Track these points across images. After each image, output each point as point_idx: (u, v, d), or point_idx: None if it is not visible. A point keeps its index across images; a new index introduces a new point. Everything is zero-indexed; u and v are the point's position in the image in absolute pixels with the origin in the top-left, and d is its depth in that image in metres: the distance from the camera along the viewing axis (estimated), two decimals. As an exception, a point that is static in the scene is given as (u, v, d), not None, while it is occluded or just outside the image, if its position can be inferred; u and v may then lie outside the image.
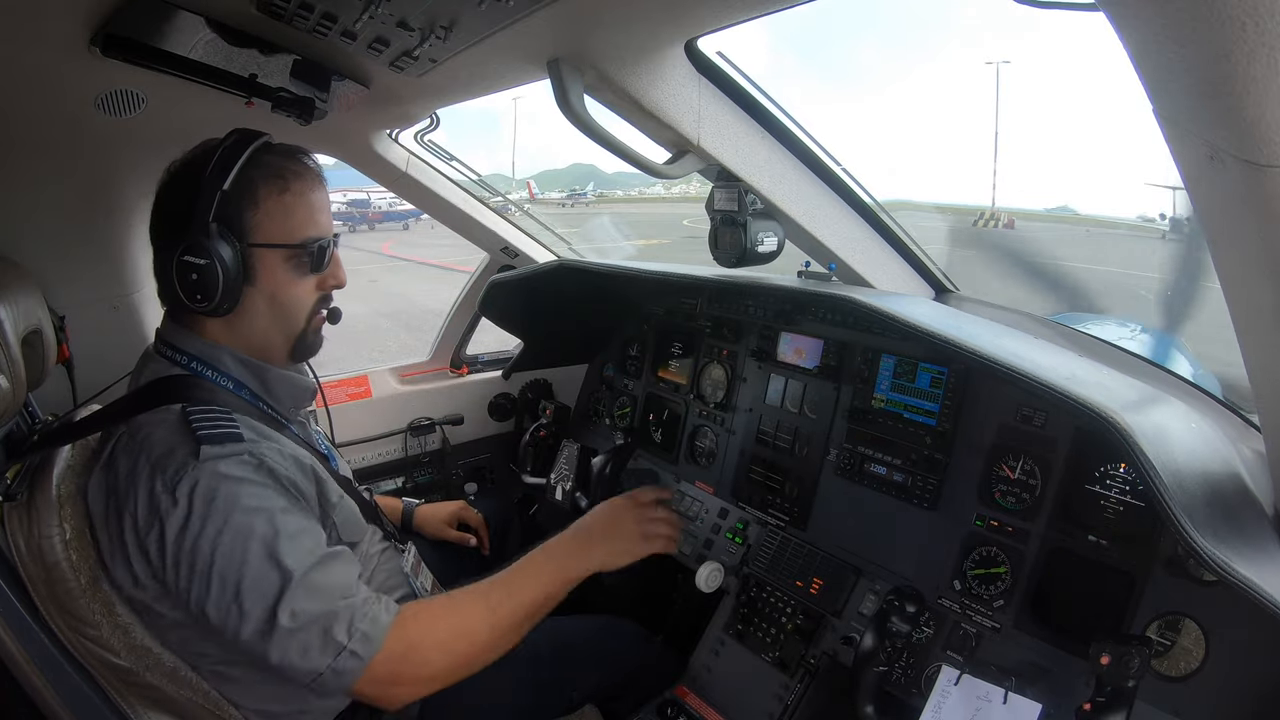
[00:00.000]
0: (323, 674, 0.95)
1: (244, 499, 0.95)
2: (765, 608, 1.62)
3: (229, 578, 0.92)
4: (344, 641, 0.95)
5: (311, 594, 0.94)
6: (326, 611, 0.95)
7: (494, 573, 1.80)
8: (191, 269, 0.99)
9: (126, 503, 0.95)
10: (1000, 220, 21.67)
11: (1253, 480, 1.04)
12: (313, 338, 1.16)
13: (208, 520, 0.92)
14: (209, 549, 0.92)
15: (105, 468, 1.00)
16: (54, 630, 0.99)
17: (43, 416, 1.24)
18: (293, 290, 1.09)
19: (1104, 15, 0.58)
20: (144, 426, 0.98)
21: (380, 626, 0.99)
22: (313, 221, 1.09)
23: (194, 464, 0.94)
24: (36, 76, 1.21)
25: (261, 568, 0.93)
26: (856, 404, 1.59)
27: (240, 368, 1.10)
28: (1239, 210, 0.65)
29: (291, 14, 1.06)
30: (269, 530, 0.95)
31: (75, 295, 1.62)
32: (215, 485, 0.94)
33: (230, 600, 0.92)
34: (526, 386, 2.45)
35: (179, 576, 0.93)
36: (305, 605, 0.93)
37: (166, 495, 0.92)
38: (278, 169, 1.06)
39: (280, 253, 1.06)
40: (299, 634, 0.93)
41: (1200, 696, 1.06)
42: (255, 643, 0.93)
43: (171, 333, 1.09)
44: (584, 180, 47.02)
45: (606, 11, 0.98)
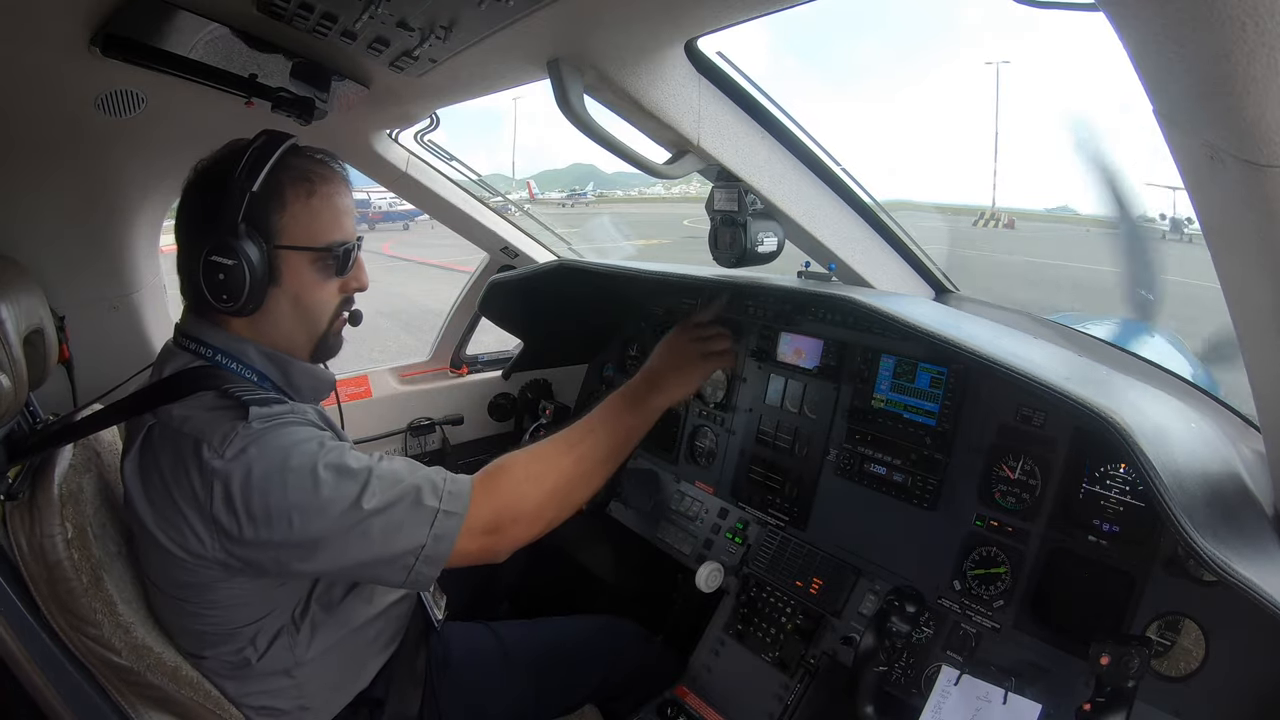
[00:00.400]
0: (425, 545, 0.97)
1: (298, 437, 0.97)
2: (765, 608, 1.62)
3: (305, 503, 0.93)
4: (435, 505, 0.99)
5: (386, 482, 0.98)
6: (408, 487, 0.98)
7: (495, 575, 1.82)
8: (218, 269, 1.00)
9: (179, 481, 0.94)
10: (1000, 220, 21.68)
11: (1253, 480, 1.04)
12: (334, 339, 1.18)
13: (269, 464, 0.94)
14: (280, 487, 0.93)
15: (140, 457, 0.99)
16: (55, 629, 0.99)
17: (44, 416, 1.24)
18: (317, 292, 1.11)
19: (1104, 15, 0.58)
20: (181, 413, 0.99)
21: (463, 482, 1.03)
22: (338, 225, 1.10)
23: (243, 425, 0.95)
24: (36, 76, 1.21)
25: (334, 478, 0.95)
26: (856, 404, 1.59)
27: (265, 361, 1.10)
28: (1239, 210, 0.65)
29: (291, 14, 1.06)
30: (326, 449, 0.97)
31: (75, 295, 1.62)
32: (268, 433, 0.96)
33: (314, 517, 0.93)
34: (526, 386, 2.45)
35: (255, 524, 0.93)
36: (385, 492, 0.97)
37: (218, 460, 0.93)
38: (305, 172, 1.07)
39: (306, 255, 1.07)
40: (389, 513, 0.96)
41: (1200, 696, 1.06)
42: (346, 548, 0.95)
43: (195, 326, 1.09)
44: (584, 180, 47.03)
45: (606, 12, 0.98)
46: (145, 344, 1.89)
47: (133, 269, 1.81)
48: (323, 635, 1.13)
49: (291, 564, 0.97)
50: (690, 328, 1.43)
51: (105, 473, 1.17)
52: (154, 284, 1.90)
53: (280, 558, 0.96)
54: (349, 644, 1.18)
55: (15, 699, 0.96)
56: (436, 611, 1.39)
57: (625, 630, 1.64)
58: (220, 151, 1.08)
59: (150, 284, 1.88)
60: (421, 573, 0.99)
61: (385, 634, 1.26)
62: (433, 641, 1.34)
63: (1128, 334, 3.02)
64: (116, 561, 1.09)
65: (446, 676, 1.32)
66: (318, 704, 1.15)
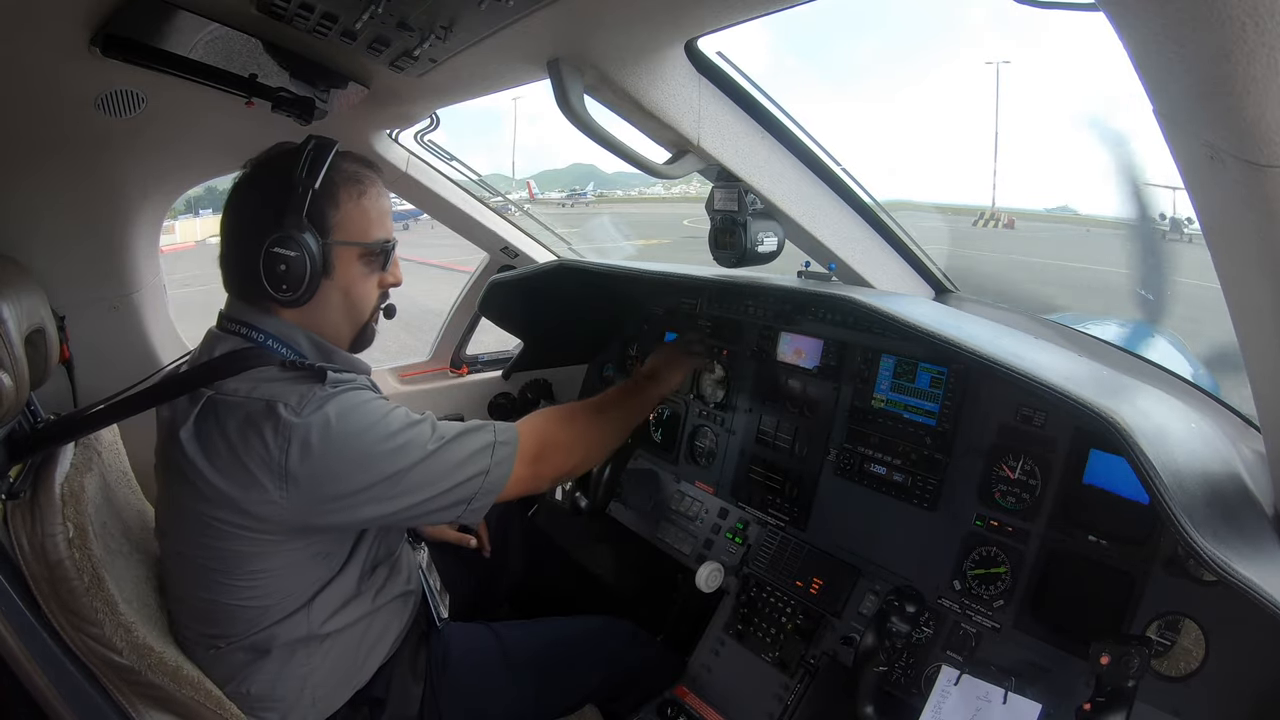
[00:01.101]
0: (489, 471, 1.12)
1: (366, 395, 1.09)
2: (765, 608, 1.62)
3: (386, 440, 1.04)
4: (492, 437, 1.14)
5: (449, 427, 1.13)
6: (467, 428, 1.14)
7: (495, 575, 1.82)
8: (281, 260, 1.07)
9: (249, 443, 1.00)
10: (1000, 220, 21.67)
11: (1253, 480, 1.04)
12: (372, 330, 1.27)
13: (349, 415, 1.03)
14: (359, 431, 1.03)
15: (199, 426, 1.03)
16: (56, 629, 0.99)
17: (44, 416, 1.24)
18: (362, 285, 1.19)
19: (1104, 15, 0.58)
20: (243, 386, 1.05)
21: (509, 425, 1.19)
22: (382, 224, 1.19)
23: (319, 388, 1.04)
24: (36, 76, 1.21)
25: (405, 423, 1.07)
26: (856, 404, 1.59)
27: (311, 347, 1.16)
28: (1239, 210, 0.65)
29: (291, 14, 1.06)
30: (394, 404, 1.10)
31: (75, 295, 1.62)
32: (343, 397, 1.05)
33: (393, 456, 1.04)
34: (526, 386, 2.45)
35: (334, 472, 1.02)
36: (450, 431, 1.12)
37: (296, 419, 1.00)
38: (356, 174, 1.16)
39: (355, 250, 1.16)
40: (456, 444, 1.10)
41: (1200, 696, 1.06)
42: (419, 482, 1.07)
43: (244, 313, 1.14)
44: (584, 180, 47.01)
45: (606, 12, 0.98)
46: (145, 344, 1.89)
47: (133, 269, 1.81)
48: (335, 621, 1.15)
49: (364, 510, 1.05)
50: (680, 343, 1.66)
51: (106, 472, 1.17)
52: (154, 284, 1.90)
53: (355, 504, 1.05)
54: (355, 636, 1.19)
55: (16, 698, 0.96)
56: (441, 609, 1.40)
57: (625, 630, 1.64)
58: (272, 151, 1.15)
59: (150, 284, 1.88)
60: (479, 501, 1.12)
61: (390, 630, 1.26)
62: (433, 641, 1.35)
63: (1128, 334, 3.02)
64: (118, 561, 1.09)
65: (446, 676, 1.32)
66: (321, 694, 1.16)
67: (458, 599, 1.53)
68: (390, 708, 1.23)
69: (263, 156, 1.15)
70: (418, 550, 1.43)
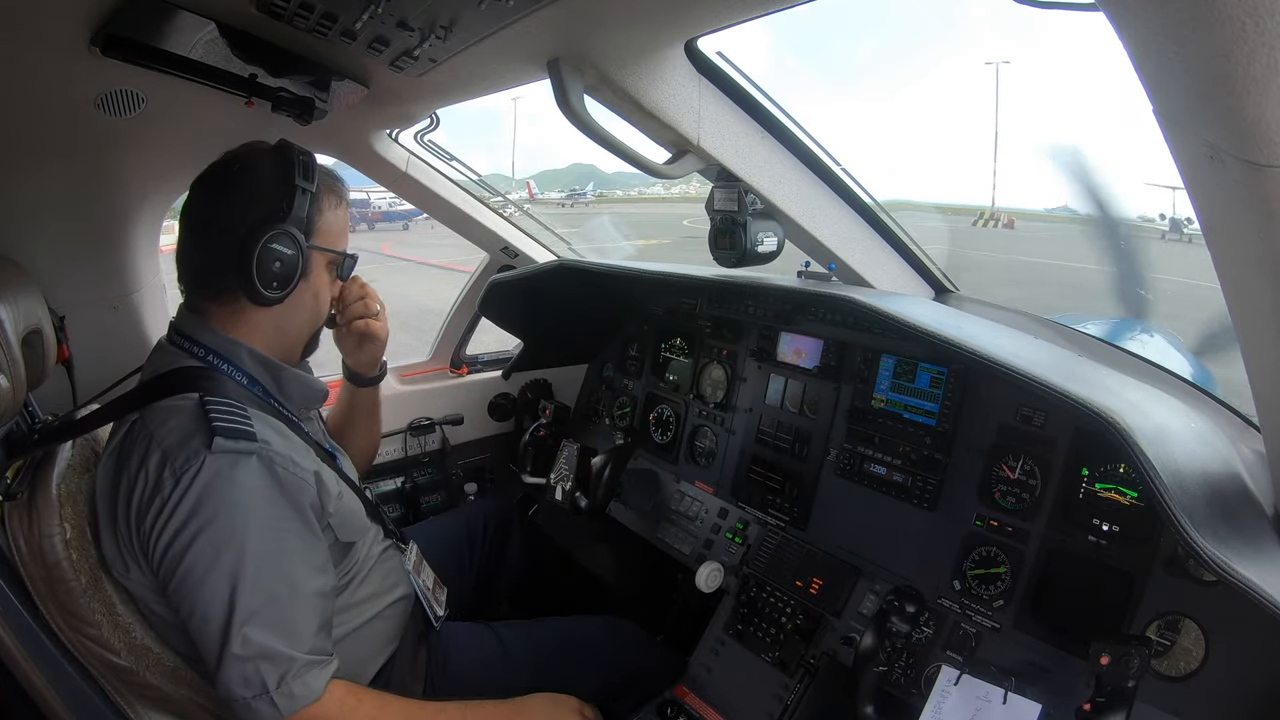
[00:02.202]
0: (237, 702, 0.97)
1: (238, 504, 0.97)
2: (765, 608, 1.62)
3: (198, 576, 0.95)
4: (270, 687, 0.97)
5: (266, 628, 0.97)
6: (271, 652, 0.97)
7: (495, 575, 1.81)
8: (276, 257, 1.06)
9: (136, 485, 0.97)
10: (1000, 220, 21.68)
11: (1253, 480, 1.04)
12: (318, 338, 1.27)
13: (196, 513, 0.95)
14: (188, 540, 0.95)
15: (116, 453, 1.02)
16: (54, 629, 0.99)
17: (43, 416, 1.24)
18: (326, 293, 1.22)
19: (1104, 15, 0.58)
20: (159, 413, 1.01)
21: (310, 693, 1.00)
22: (345, 236, 1.22)
23: (205, 454, 0.96)
24: (36, 76, 1.20)
25: (231, 581, 0.95)
26: (856, 404, 1.59)
27: (256, 365, 1.13)
28: (1239, 210, 0.65)
29: (291, 14, 1.06)
30: (253, 545, 0.97)
31: (75, 295, 1.62)
32: (217, 482, 0.96)
33: (195, 594, 0.96)
34: (526, 386, 2.45)
35: (161, 557, 0.96)
36: (256, 636, 0.96)
37: (171, 479, 0.95)
38: (332, 185, 1.18)
39: (327, 256, 1.18)
40: (238, 661, 0.96)
41: (1200, 696, 1.06)
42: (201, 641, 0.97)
43: (189, 325, 1.12)
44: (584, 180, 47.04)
45: (606, 12, 0.98)
46: (145, 344, 1.88)
47: (133, 269, 1.80)
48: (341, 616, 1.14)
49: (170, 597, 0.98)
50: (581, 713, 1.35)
51: None
52: (154, 284, 1.90)
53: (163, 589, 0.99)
54: (352, 642, 1.19)
55: (14, 699, 0.95)
56: (437, 608, 1.39)
57: (625, 630, 1.64)
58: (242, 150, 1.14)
59: (150, 284, 1.88)
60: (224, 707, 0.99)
61: (385, 633, 1.26)
62: (433, 641, 1.34)
63: (1128, 334, 3.03)
64: (116, 561, 1.09)
65: (446, 676, 1.32)
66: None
67: (457, 599, 1.53)
68: None
69: (236, 155, 1.13)
70: (406, 551, 1.40)
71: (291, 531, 1.02)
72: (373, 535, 1.28)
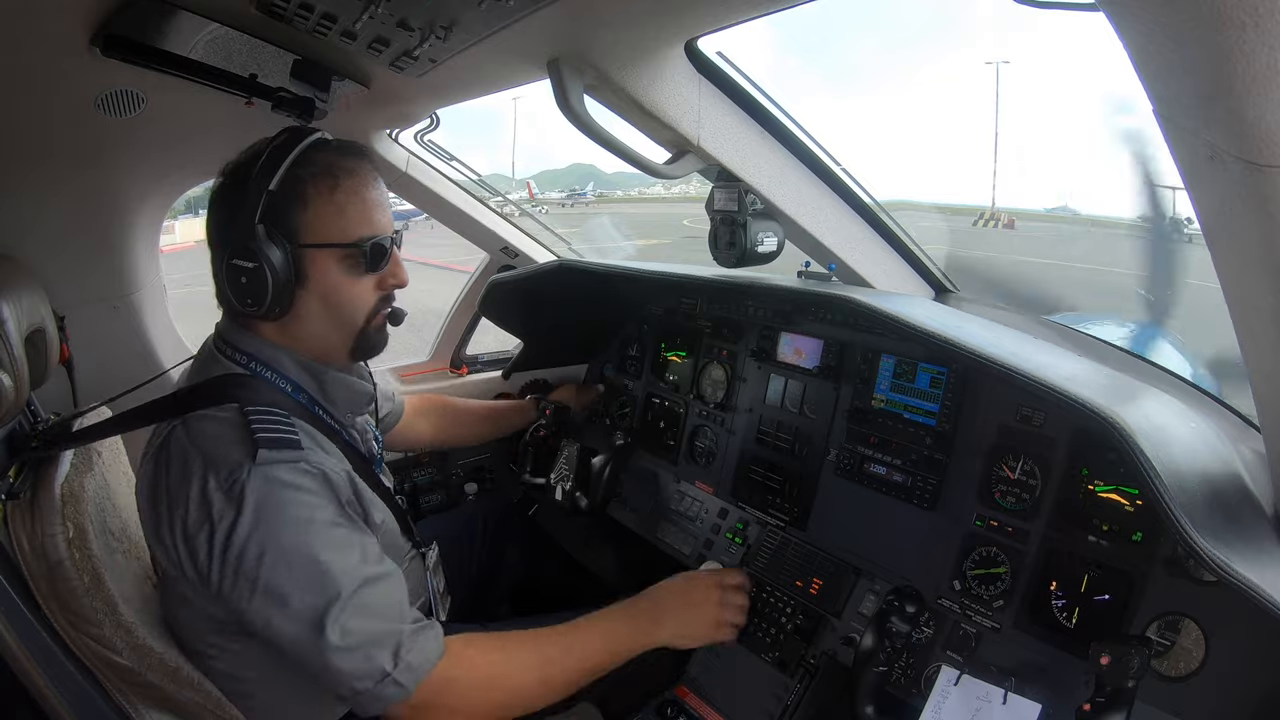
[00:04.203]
0: (361, 694, 0.95)
1: (296, 508, 0.94)
2: (765, 608, 1.62)
3: (276, 588, 0.91)
4: (388, 669, 0.95)
5: (360, 613, 0.94)
6: (375, 634, 0.95)
7: (495, 575, 1.81)
8: (240, 273, 0.97)
9: (178, 499, 0.93)
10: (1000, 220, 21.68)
11: (1253, 480, 1.04)
12: (375, 336, 1.13)
13: (257, 527, 0.91)
14: (256, 556, 0.91)
15: (155, 460, 0.98)
16: (56, 629, 0.99)
17: (44, 416, 1.24)
18: (347, 290, 1.06)
19: (1104, 15, 0.58)
20: (200, 423, 0.97)
21: (428, 659, 0.98)
22: (367, 220, 1.05)
23: (250, 466, 0.92)
24: (36, 76, 1.21)
25: (310, 582, 0.92)
26: (856, 404, 1.59)
27: (300, 371, 1.08)
28: (1239, 210, 0.65)
29: (291, 14, 1.06)
30: (320, 542, 0.94)
31: (75, 295, 1.62)
32: (269, 491, 0.92)
33: (276, 609, 0.92)
34: (526, 386, 2.45)
35: (224, 578, 0.92)
36: (353, 624, 0.93)
37: (220, 495, 0.91)
38: (328, 166, 1.02)
39: (333, 253, 1.03)
40: (345, 653, 0.92)
41: (1200, 696, 1.06)
42: (298, 653, 0.94)
43: (231, 332, 1.07)
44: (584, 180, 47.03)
45: (606, 11, 0.98)
46: (145, 344, 1.89)
47: (133, 269, 1.81)
48: None
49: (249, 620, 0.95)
50: (722, 585, 1.36)
51: (106, 472, 1.17)
52: (154, 284, 1.90)
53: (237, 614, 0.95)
54: None
55: (16, 699, 0.95)
56: (441, 613, 1.39)
57: (625, 631, 1.64)
58: (244, 152, 1.06)
59: (150, 284, 1.89)
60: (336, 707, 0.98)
61: None
62: None
63: (1127, 334, 3.02)
64: (118, 560, 1.09)
65: None
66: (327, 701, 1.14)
67: (458, 599, 1.53)
68: None
69: (236, 158, 1.06)
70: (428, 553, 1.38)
71: (348, 528, 1.00)
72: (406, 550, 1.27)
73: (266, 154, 0.99)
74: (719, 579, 1.37)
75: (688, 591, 1.32)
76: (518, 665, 1.10)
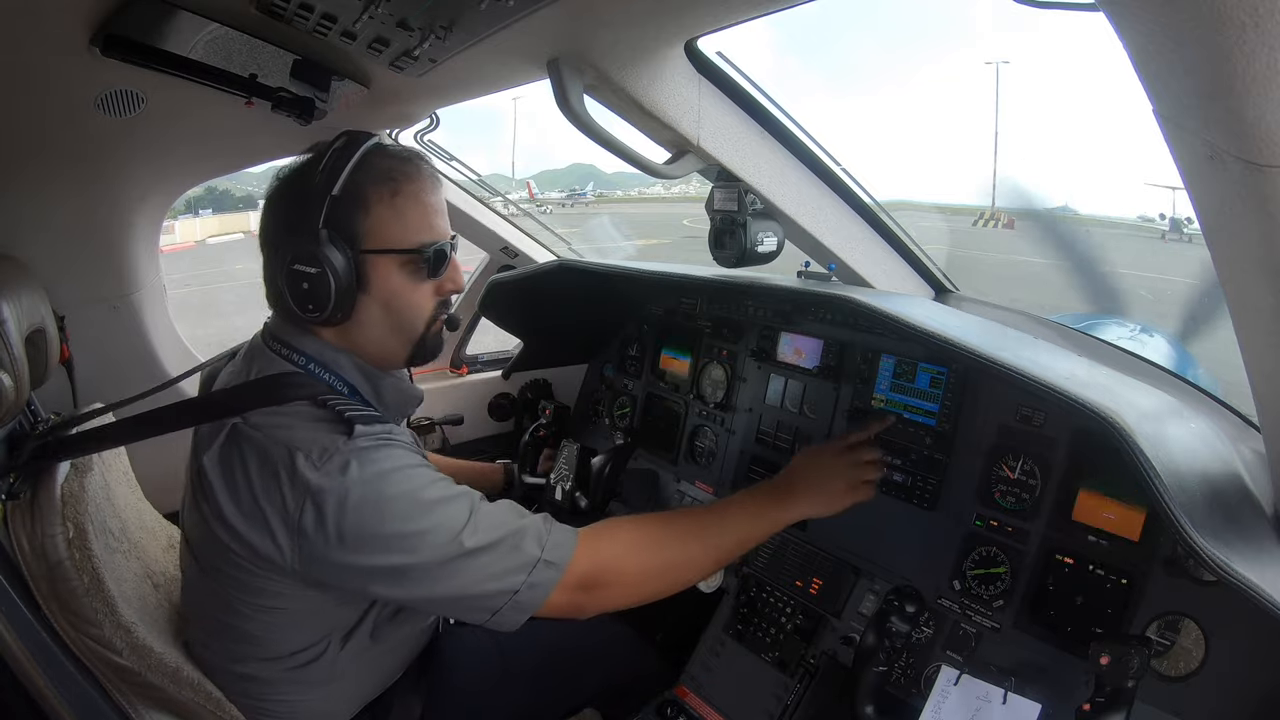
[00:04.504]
0: (518, 591, 0.96)
1: (398, 459, 0.96)
2: (765, 608, 1.62)
3: (407, 527, 0.92)
4: (537, 553, 0.98)
5: (489, 523, 0.97)
6: (511, 530, 0.98)
7: None
8: (302, 278, 0.97)
9: (267, 491, 0.92)
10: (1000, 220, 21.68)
11: (1253, 480, 1.04)
12: (433, 341, 1.12)
13: (370, 486, 0.91)
14: (378, 511, 0.92)
15: (222, 455, 0.96)
16: (56, 629, 1.00)
17: (44, 416, 1.24)
18: (409, 296, 1.05)
19: (1104, 15, 0.58)
20: (272, 419, 0.96)
21: (569, 537, 1.02)
22: (427, 225, 1.05)
23: (344, 441, 0.93)
24: (36, 76, 1.21)
25: (435, 510, 0.94)
26: (856, 404, 1.59)
27: (357, 373, 1.07)
28: (1239, 210, 0.65)
29: (291, 14, 1.06)
30: (429, 478, 0.97)
31: (75, 295, 1.62)
32: (370, 453, 0.93)
33: (410, 547, 0.92)
34: (526, 386, 2.45)
35: (346, 547, 0.91)
36: (488, 531, 0.96)
37: (317, 474, 0.90)
38: (388, 171, 1.02)
39: (394, 258, 1.03)
40: (488, 553, 0.95)
41: (1200, 696, 1.06)
42: (436, 581, 0.94)
43: (286, 332, 1.05)
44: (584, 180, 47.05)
45: (606, 11, 0.98)
46: (145, 344, 1.89)
47: (133, 269, 1.81)
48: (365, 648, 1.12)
49: (372, 587, 0.95)
50: (846, 449, 1.34)
51: (107, 472, 1.17)
52: (154, 284, 1.90)
53: (363, 581, 0.94)
54: (373, 664, 1.17)
55: (16, 699, 0.96)
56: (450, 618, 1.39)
57: (624, 633, 1.64)
58: (300, 156, 1.05)
59: (150, 284, 1.88)
60: (506, 617, 0.98)
61: (408, 652, 1.26)
62: (433, 648, 1.34)
63: (1127, 334, 3.03)
64: (118, 561, 1.09)
65: (446, 682, 1.31)
66: (330, 709, 1.15)
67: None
68: (392, 715, 1.23)
69: (291, 163, 1.05)
70: None
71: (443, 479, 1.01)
72: None
73: (327, 158, 0.99)
74: (843, 440, 1.35)
75: (816, 463, 1.31)
76: (663, 533, 1.14)
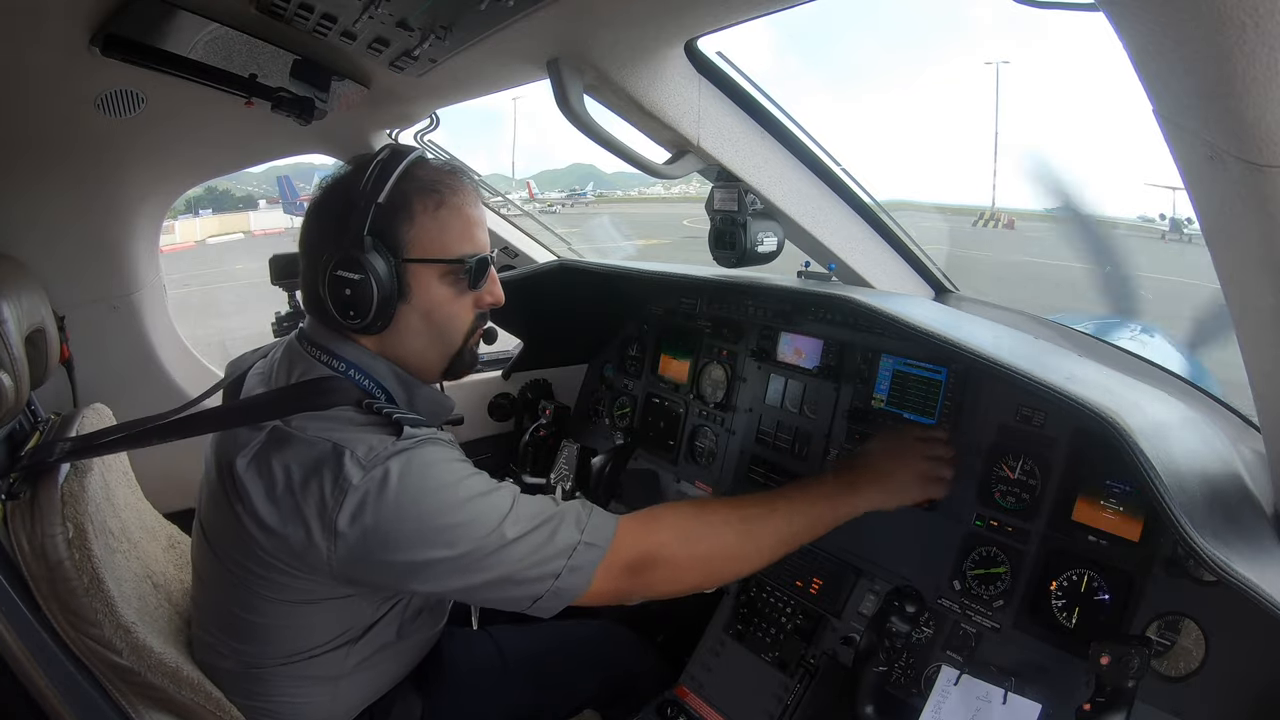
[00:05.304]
0: (560, 575, 0.96)
1: (439, 454, 0.97)
2: (765, 608, 1.62)
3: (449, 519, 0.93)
4: (576, 537, 0.97)
5: (528, 513, 0.97)
6: (549, 516, 0.98)
7: None
8: (345, 284, 0.97)
9: (306, 489, 0.92)
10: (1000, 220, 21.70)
11: (1253, 480, 1.04)
12: (470, 354, 1.13)
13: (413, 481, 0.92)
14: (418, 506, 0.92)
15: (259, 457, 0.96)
16: (56, 629, 0.99)
17: (44, 416, 1.24)
18: (449, 307, 1.06)
19: (1104, 15, 0.58)
20: (315, 421, 0.97)
21: (609, 519, 1.01)
22: (469, 237, 1.05)
23: (392, 442, 0.94)
24: (36, 76, 1.21)
25: (477, 500, 0.95)
26: (856, 404, 1.59)
27: (394, 381, 1.07)
28: (1239, 210, 0.65)
29: (291, 14, 1.06)
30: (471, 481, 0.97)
31: (75, 295, 1.62)
32: (414, 451, 0.95)
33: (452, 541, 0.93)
34: (526, 386, 2.45)
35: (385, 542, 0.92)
36: (528, 520, 0.96)
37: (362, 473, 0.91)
38: (432, 183, 1.03)
39: (436, 268, 1.03)
40: (528, 539, 0.95)
41: (1200, 696, 1.06)
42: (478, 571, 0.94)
43: (324, 336, 1.05)
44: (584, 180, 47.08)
45: (606, 11, 0.99)
46: (145, 344, 1.89)
47: (133, 269, 1.81)
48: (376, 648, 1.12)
49: (412, 583, 0.95)
50: (924, 440, 1.28)
51: (107, 472, 1.17)
52: (154, 284, 1.91)
53: (402, 576, 0.95)
54: (383, 666, 1.17)
55: (16, 699, 0.96)
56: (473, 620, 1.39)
57: (623, 633, 1.64)
58: (344, 167, 1.06)
59: (150, 284, 1.89)
60: (549, 603, 0.98)
61: (415, 655, 1.25)
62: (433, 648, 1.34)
63: (1127, 334, 3.03)
64: (118, 561, 1.09)
65: (446, 683, 1.31)
66: (332, 710, 1.14)
67: (457, 604, 1.53)
68: (392, 715, 1.23)
69: (336, 172, 1.06)
70: None
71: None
72: None
73: (373, 168, 1.00)
74: (919, 431, 1.31)
75: (887, 452, 1.25)
76: (715, 517, 1.11)
